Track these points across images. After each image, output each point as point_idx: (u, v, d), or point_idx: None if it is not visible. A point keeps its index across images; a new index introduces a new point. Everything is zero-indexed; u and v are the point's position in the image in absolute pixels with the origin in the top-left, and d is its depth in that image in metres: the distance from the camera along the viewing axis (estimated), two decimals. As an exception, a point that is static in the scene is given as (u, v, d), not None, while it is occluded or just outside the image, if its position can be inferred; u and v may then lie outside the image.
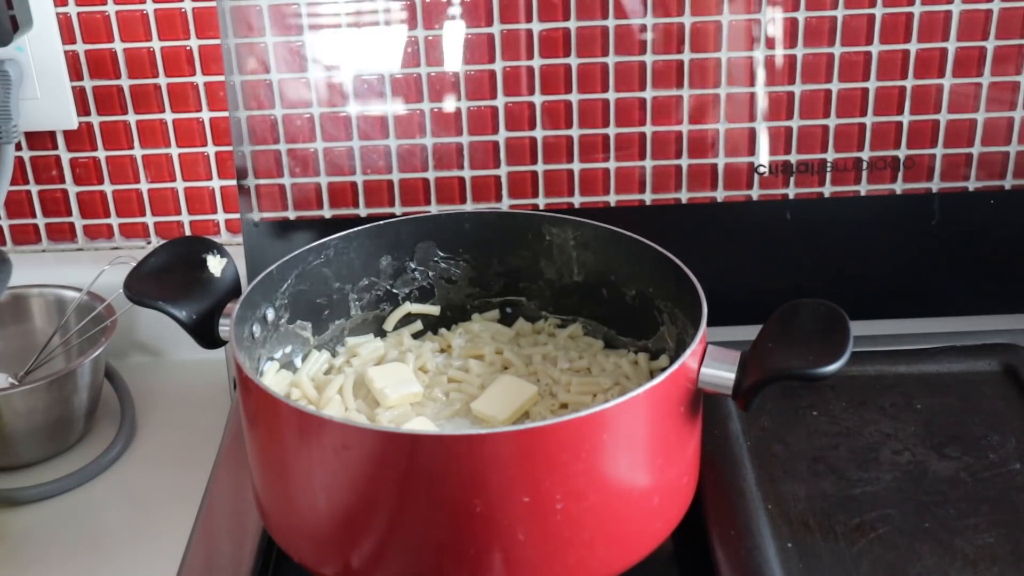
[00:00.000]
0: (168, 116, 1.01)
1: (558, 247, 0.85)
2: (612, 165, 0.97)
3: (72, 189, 1.04)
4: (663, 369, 0.71)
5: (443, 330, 0.89)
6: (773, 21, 0.93)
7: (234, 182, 1.01)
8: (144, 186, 1.04)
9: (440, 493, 0.63)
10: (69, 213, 1.05)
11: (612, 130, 0.96)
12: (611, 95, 0.95)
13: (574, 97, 0.95)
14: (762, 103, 0.95)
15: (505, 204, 0.99)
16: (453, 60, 0.94)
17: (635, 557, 0.69)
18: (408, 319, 0.89)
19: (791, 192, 0.98)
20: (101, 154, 1.02)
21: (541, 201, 0.99)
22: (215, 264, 0.80)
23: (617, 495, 0.66)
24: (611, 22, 0.93)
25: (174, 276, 0.79)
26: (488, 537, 0.64)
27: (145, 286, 0.77)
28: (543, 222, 0.85)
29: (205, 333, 0.76)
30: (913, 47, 0.94)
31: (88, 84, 0.99)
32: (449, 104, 0.95)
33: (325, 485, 0.66)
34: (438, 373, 0.84)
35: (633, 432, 0.65)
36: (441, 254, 0.87)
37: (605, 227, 0.82)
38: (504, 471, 0.62)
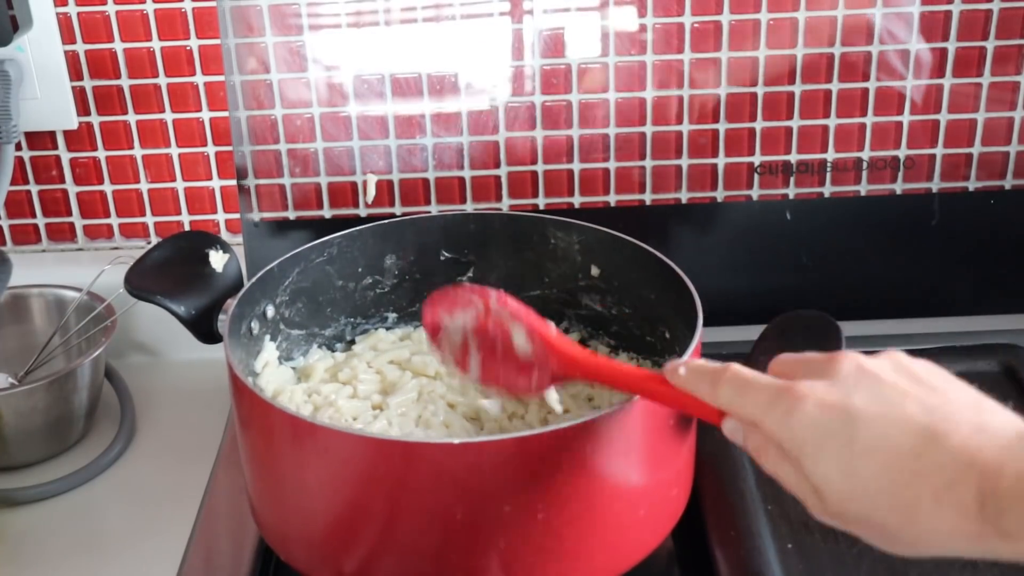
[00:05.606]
0: (168, 116, 1.01)
1: (563, 251, 0.85)
2: (612, 165, 0.97)
3: (72, 189, 1.04)
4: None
5: None
6: (773, 21, 0.93)
7: (234, 182, 1.01)
8: (144, 186, 1.03)
9: (425, 500, 0.63)
10: (69, 213, 1.05)
11: (612, 130, 0.96)
12: (611, 95, 0.95)
13: (574, 97, 0.95)
14: (761, 102, 0.95)
15: (505, 204, 0.99)
16: (453, 60, 0.94)
17: (621, 567, 0.68)
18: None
19: (791, 192, 0.98)
20: (101, 154, 1.02)
21: (541, 201, 0.99)
22: (217, 259, 0.80)
23: (601, 506, 0.65)
24: (611, 22, 0.93)
25: (175, 271, 0.78)
26: (471, 545, 0.63)
27: (145, 280, 0.77)
28: (548, 225, 0.85)
29: (203, 328, 0.76)
30: (913, 47, 0.94)
31: (88, 84, 0.99)
32: (449, 104, 0.95)
33: (315, 489, 0.66)
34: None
35: (618, 444, 0.63)
36: (446, 255, 0.87)
37: (606, 231, 0.82)
38: (484, 479, 0.62)
